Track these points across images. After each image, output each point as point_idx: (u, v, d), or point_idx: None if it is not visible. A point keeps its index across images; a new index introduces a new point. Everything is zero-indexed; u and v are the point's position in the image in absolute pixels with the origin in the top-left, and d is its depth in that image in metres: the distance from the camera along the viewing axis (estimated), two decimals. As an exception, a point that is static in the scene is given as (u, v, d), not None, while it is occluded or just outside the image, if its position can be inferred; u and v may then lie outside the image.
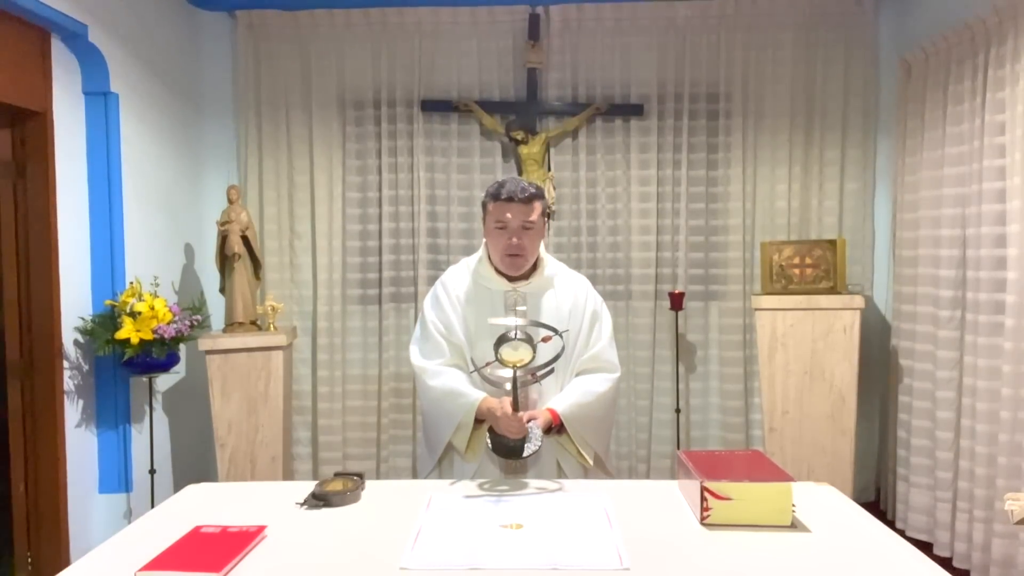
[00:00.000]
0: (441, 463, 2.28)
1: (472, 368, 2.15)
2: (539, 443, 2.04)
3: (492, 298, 2.26)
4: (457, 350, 2.25)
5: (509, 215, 2.17)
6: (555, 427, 2.15)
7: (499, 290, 2.27)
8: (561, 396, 2.20)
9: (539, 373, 2.00)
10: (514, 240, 2.18)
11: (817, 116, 4.16)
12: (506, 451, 2.04)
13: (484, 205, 2.26)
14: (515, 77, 4.26)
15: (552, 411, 2.15)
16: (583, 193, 4.24)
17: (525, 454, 2.03)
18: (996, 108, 3.11)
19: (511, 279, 2.26)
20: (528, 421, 2.05)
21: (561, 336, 2.03)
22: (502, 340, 1.90)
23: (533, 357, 1.90)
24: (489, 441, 2.07)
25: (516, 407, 1.96)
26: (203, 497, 1.81)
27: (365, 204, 4.31)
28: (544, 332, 1.99)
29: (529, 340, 1.90)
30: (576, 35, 4.21)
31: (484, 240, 2.32)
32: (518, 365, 1.90)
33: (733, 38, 4.16)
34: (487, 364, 1.96)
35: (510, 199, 2.17)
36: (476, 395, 2.13)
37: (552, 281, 2.31)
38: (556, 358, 2.03)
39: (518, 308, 2.21)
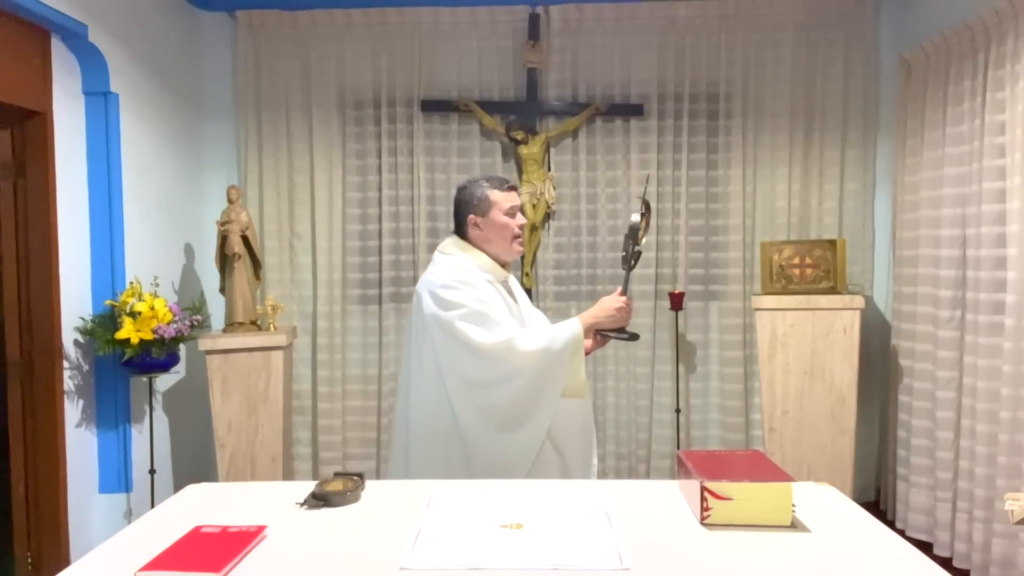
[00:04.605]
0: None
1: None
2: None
3: (494, 289, 2.28)
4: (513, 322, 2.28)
5: (517, 202, 2.34)
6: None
7: (499, 279, 2.32)
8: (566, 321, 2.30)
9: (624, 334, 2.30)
10: (522, 225, 2.34)
11: (817, 116, 4.16)
12: (616, 336, 2.30)
13: (483, 198, 2.29)
14: (515, 77, 4.26)
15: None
16: (583, 193, 4.24)
17: (635, 331, 2.33)
18: (996, 108, 3.11)
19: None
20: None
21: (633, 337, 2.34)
22: (634, 231, 2.23)
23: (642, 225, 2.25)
24: (600, 335, 2.29)
25: (625, 292, 2.29)
26: (203, 497, 1.81)
27: (365, 204, 4.31)
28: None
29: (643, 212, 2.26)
30: (576, 35, 4.21)
31: (468, 237, 2.34)
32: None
33: (733, 38, 4.16)
34: (631, 257, 2.28)
35: (512, 188, 2.35)
36: (570, 320, 2.25)
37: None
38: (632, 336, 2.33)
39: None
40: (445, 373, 2.21)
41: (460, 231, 2.37)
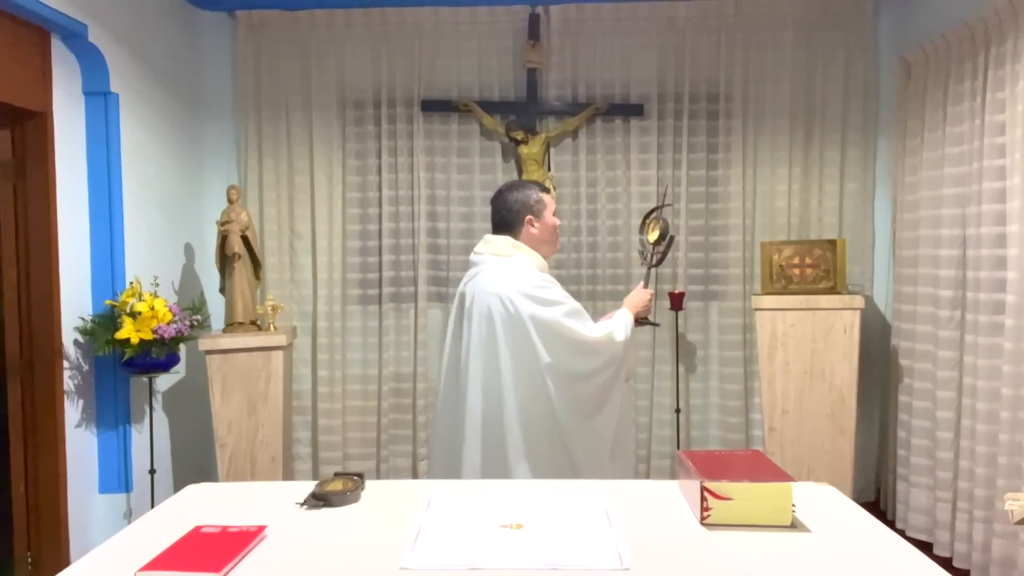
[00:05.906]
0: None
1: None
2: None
3: None
4: None
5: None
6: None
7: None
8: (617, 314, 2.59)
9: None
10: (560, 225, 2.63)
11: (817, 116, 4.16)
12: (644, 323, 2.70)
13: (539, 200, 2.49)
14: (515, 77, 4.26)
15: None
16: (583, 193, 4.24)
17: (656, 319, 2.82)
18: (996, 108, 3.11)
19: None
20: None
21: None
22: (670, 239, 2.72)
23: (658, 238, 2.77)
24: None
25: (647, 285, 2.71)
26: (203, 497, 1.81)
27: (365, 204, 4.31)
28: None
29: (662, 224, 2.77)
30: (576, 35, 4.21)
31: (520, 237, 2.47)
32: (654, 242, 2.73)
33: (733, 38, 4.16)
34: (660, 259, 2.75)
35: (548, 191, 2.60)
36: (623, 311, 2.57)
37: None
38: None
39: None
40: (546, 369, 2.29)
41: (511, 232, 2.46)
